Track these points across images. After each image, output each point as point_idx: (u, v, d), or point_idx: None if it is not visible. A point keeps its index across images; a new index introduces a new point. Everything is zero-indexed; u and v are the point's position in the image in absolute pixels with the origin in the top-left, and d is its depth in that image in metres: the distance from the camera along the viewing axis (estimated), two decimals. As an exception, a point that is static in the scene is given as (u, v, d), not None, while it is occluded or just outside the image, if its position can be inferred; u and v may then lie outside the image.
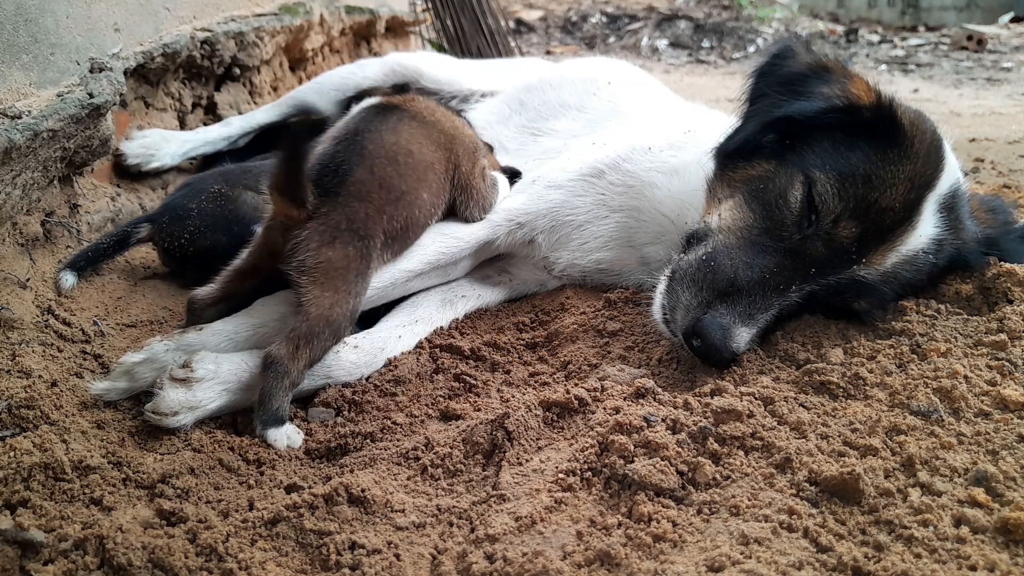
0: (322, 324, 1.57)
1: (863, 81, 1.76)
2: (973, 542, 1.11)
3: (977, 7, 11.56)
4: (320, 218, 1.63)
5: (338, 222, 1.64)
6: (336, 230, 1.63)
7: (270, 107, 3.17)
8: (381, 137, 1.81)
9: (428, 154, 1.88)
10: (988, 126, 4.78)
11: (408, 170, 1.80)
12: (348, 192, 1.68)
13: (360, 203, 1.68)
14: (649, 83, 2.88)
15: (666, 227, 2.04)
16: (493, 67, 3.40)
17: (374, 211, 1.70)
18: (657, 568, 1.09)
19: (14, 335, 1.73)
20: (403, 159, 1.80)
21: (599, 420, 1.42)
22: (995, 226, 1.86)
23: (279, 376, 1.52)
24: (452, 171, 1.96)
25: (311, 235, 1.62)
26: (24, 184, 1.89)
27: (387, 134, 1.83)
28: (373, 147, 1.77)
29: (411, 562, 1.17)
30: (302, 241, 1.61)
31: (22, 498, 1.25)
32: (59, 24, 2.07)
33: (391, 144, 1.81)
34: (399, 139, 1.83)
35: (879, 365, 1.54)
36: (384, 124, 1.85)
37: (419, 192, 1.82)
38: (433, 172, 1.88)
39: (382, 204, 1.72)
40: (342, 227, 1.64)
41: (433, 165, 1.89)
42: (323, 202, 1.65)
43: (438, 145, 1.92)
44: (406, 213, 1.78)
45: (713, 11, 10.93)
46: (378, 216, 1.71)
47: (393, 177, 1.76)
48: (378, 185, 1.73)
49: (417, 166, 1.83)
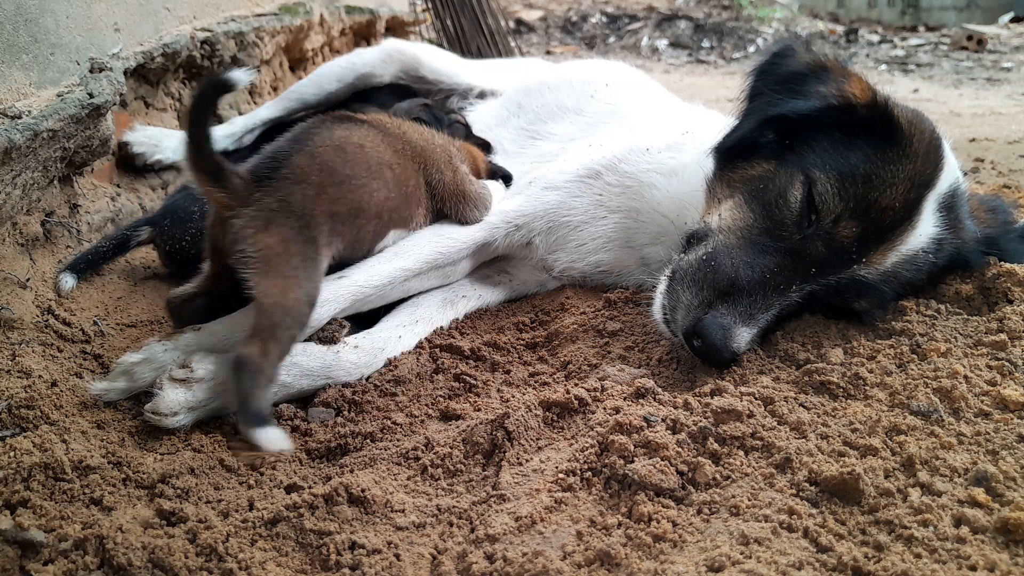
0: (280, 313, 1.50)
1: (861, 80, 1.76)
2: (973, 542, 1.11)
3: (977, 7, 11.56)
4: (252, 204, 1.58)
5: (269, 204, 1.58)
6: (269, 212, 1.57)
7: (273, 103, 3.17)
8: (331, 132, 1.78)
9: (385, 154, 1.85)
10: (988, 126, 4.78)
11: (355, 159, 1.75)
12: (282, 176, 1.63)
13: (296, 185, 1.63)
14: (647, 84, 2.88)
15: (666, 227, 2.04)
16: (493, 65, 3.40)
17: (312, 191, 1.64)
18: (657, 568, 1.09)
19: (14, 335, 1.73)
20: (351, 149, 1.76)
21: (599, 420, 1.42)
22: (995, 226, 1.86)
23: (253, 375, 1.45)
24: (427, 181, 1.96)
25: (245, 222, 1.55)
26: (24, 184, 1.89)
27: (338, 130, 1.80)
28: (319, 138, 1.74)
29: (411, 562, 1.17)
30: (238, 230, 1.55)
31: (22, 498, 1.25)
32: (59, 24, 2.07)
33: (339, 136, 1.77)
34: (350, 134, 1.80)
35: (879, 365, 1.54)
36: (339, 125, 1.83)
37: (369, 181, 1.77)
38: (391, 171, 1.84)
39: (322, 184, 1.66)
40: (274, 208, 1.58)
41: (392, 166, 1.85)
42: (256, 187, 1.60)
43: (401, 154, 1.90)
44: (352, 197, 1.72)
45: (713, 11, 10.93)
46: (317, 196, 1.64)
47: (336, 162, 1.71)
48: (318, 168, 1.67)
49: (368, 158, 1.79)
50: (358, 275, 1.82)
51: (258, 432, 1.42)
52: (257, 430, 1.42)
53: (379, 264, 1.87)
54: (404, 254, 1.91)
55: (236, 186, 1.57)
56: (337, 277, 1.80)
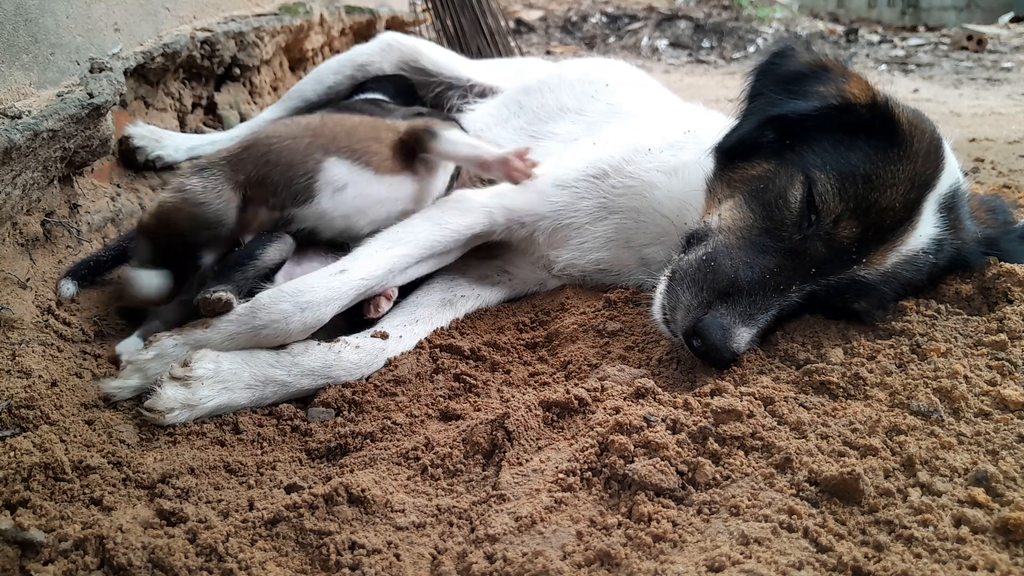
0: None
1: (861, 80, 1.76)
2: (973, 542, 1.11)
3: (977, 7, 11.56)
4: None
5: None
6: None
7: (275, 106, 3.17)
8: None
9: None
10: (988, 126, 4.78)
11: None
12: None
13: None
14: (647, 84, 2.88)
15: (666, 227, 2.04)
16: (493, 63, 3.40)
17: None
18: (657, 568, 1.09)
19: (14, 335, 1.73)
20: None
21: (599, 420, 1.42)
22: (995, 226, 1.86)
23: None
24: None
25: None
26: (24, 184, 1.89)
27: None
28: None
29: (411, 562, 1.17)
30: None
31: (22, 498, 1.25)
32: (59, 24, 2.07)
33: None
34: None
35: (879, 365, 1.54)
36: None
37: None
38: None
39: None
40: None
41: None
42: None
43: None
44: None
45: (713, 11, 10.93)
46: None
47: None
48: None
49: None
50: (359, 268, 1.81)
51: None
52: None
53: (376, 253, 1.86)
54: (402, 241, 1.90)
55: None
56: (338, 271, 1.78)
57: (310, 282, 1.72)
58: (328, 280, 1.74)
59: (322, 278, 1.75)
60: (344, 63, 3.16)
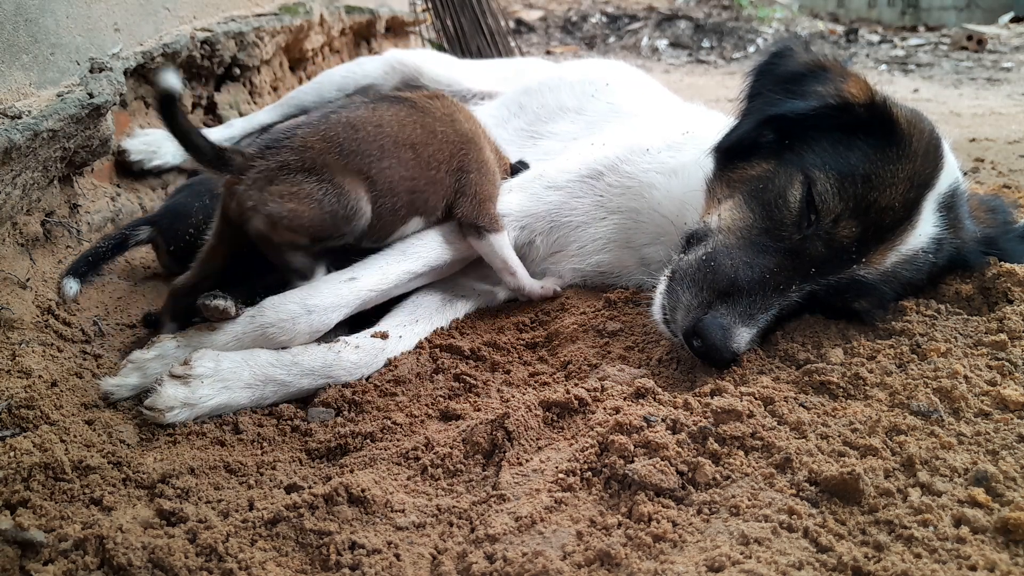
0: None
1: (860, 80, 1.76)
2: (973, 542, 1.11)
3: (977, 7, 11.56)
4: (252, 170, 1.66)
5: (268, 165, 1.66)
6: (269, 172, 1.66)
7: (271, 108, 3.17)
8: (352, 111, 1.82)
9: (410, 135, 1.86)
10: (988, 126, 4.78)
11: (366, 136, 1.78)
12: (282, 145, 1.70)
13: (295, 150, 1.69)
14: (647, 84, 2.88)
15: (665, 228, 2.04)
16: (494, 67, 3.40)
17: (313, 154, 1.70)
18: (657, 568, 1.09)
19: (14, 335, 1.73)
20: (363, 127, 1.79)
21: (599, 420, 1.42)
22: (995, 226, 1.86)
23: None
24: (460, 168, 1.96)
25: (251, 190, 1.64)
26: (24, 184, 1.89)
27: (362, 110, 1.83)
28: (334, 117, 1.79)
29: (411, 562, 1.17)
30: (245, 200, 1.64)
31: (22, 498, 1.25)
32: (59, 24, 2.07)
33: (358, 116, 1.81)
34: (372, 115, 1.83)
35: (879, 365, 1.54)
36: (367, 105, 1.87)
37: (380, 159, 1.80)
38: (412, 152, 1.86)
39: (324, 151, 1.72)
40: (273, 168, 1.66)
41: (415, 147, 1.86)
42: (259, 157, 1.68)
43: (435, 136, 1.91)
44: (360, 165, 1.76)
45: (713, 11, 10.93)
46: (318, 158, 1.70)
47: (342, 137, 1.75)
48: (320, 139, 1.73)
49: (382, 137, 1.81)
50: (368, 279, 1.84)
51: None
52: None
53: (387, 266, 1.89)
54: (411, 257, 1.93)
55: (239, 163, 1.66)
56: (348, 279, 1.81)
57: (318, 287, 1.75)
58: (337, 287, 1.77)
59: (331, 284, 1.77)
60: (347, 79, 3.19)
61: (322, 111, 1.85)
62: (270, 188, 1.65)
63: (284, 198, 1.64)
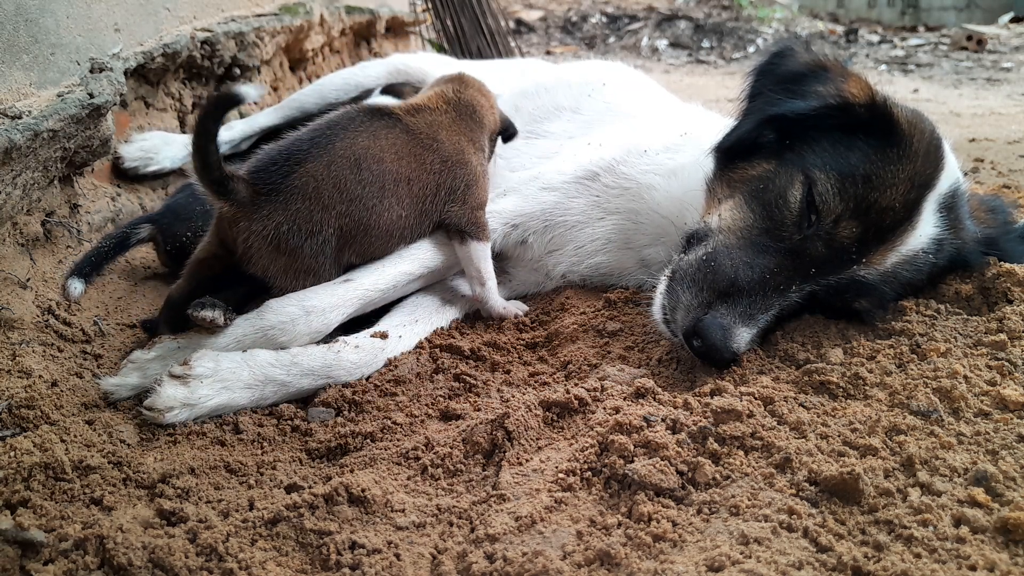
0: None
1: (860, 80, 1.76)
2: (973, 542, 1.11)
3: (977, 7, 11.57)
4: (261, 219, 1.63)
5: (278, 222, 1.64)
6: (278, 232, 1.64)
7: (271, 111, 3.17)
8: (355, 138, 1.78)
9: (405, 169, 1.84)
10: (988, 126, 4.78)
11: (370, 176, 1.76)
12: (292, 187, 1.66)
13: (304, 201, 1.67)
14: (645, 84, 2.88)
15: (665, 228, 2.04)
16: (497, 69, 3.40)
17: (320, 210, 1.68)
18: (657, 568, 1.09)
19: (14, 335, 1.73)
20: (367, 164, 1.76)
21: (599, 420, 1.42)
22: (995, 226, 1.86)
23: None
24: (441, 192, 1.93)
25: (255, 241, 1.64)
26: (24, 184, 1.89)
27: (362, 138, 1.79)
28: (340, 145, 1.74)
29: (411, 562, 1.17)
30: (249, 247, 1.64)
31: (22, 498, 1.25)
32: (59, 24, 2.07)
33: (361, 147, 1.77)
34: (373, 143, 1.80)
35: (879, 365, 1.54)
36: (366, 129, 1.81)
37: (381, 201, 1.79)
38: (407, 188, 1.85)
39: (331, 202, 1.70)
40: (283, 228, 1.65)
41: (410, 182, 1.85)
42: (264, 199, 1.64)
43: (422, 165, 1.88)
44: (362, 216, 1.75)
45: (713, 11, 10.94)
46: (325, 213, 1.69)
47: (349, 180, 1.72)
48: (331, 184, 1.70)
49: (384, 175, 1.79)
50: (365, 280, 1.84)
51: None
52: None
53: (384, 269, 1.89)
54: (408, 258, 1.94)
55: (242, 197, 1.62)
56: (343, 280, 1.81)
57: (316, 289, 1.75)
58: (334, 288, 1.78)
59: (328, 286, 1.78)
60: (350, 82, 3.17)
61: (322, 125, 1.80)
62: (277, 258, 1.67)
63: (286, 268, 1.69)
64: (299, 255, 1.68)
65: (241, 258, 1.68)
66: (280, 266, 1.68)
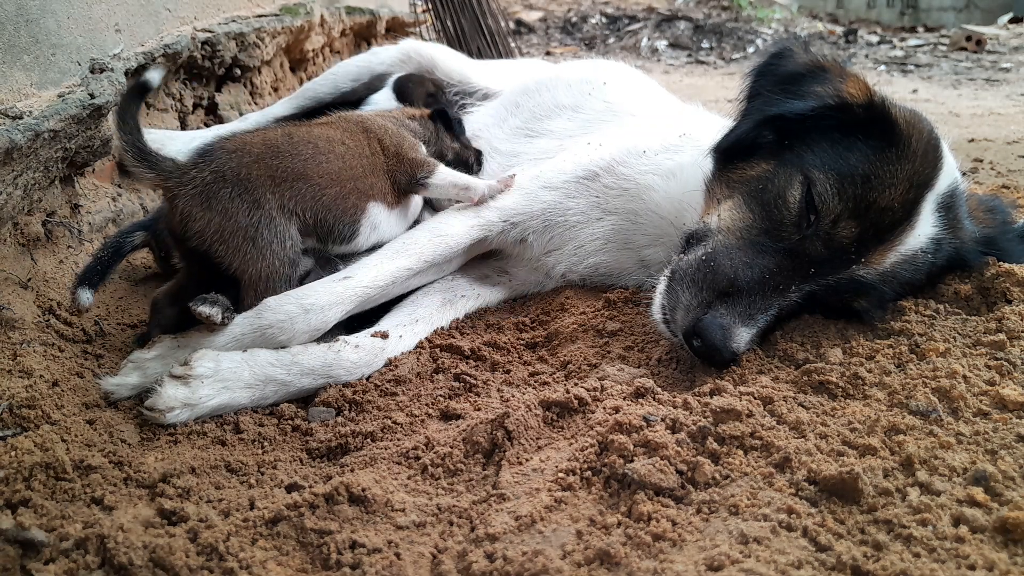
0: (262, 284, 1.69)
1: (858, 80, 1.76)
2: (972, 541, 1.11)
3: (976, 8, 11.58)
4: (188, 182, 1.68)
5: (203, 176, 1.68)
6: (204, 185, 1.67)
7: (286, 101, 3.18)
8: (286, 126, 1.92)
9: (336, 135, 1.94)
10: (987, 126, 4.79)
11: (301, 140, 1.84)
12: (217, 148, 1.72)
13: (230, 154, 1.71)
14: (645, 84, 2.88)
15: (665, 228, 2.04)
16: (503, 67, 3.42)
17: (249, 159, 1.72)
18: (657, 567, 1.09)
19: (15, 335, 1.74)
20: (298, 134, 1.86)
21: (599, 420, 1.43)
22: (993, 226, 1.86)
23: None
24: (381, 149, 2.01)
25: (185, 202, 1.66)
26: (25, 184, 1.89)
27: (294, 127, 1.93)
28: (270, 129, 1.87)
29: (411, 561, 1.17)
30: (182, 211, 1.66)
31: (23, 497, 1.26)
32: (60, 25, 2.07)
33: (292, 128, 1.90)
34: (303, 129, 1.92)
35: (878, 365, 1.55)
36: (302, 124, 1.97)
37: (315, 155, 1.84)
38: (343, 146, 1.93)
39: (261, 155, 1.75)
40: (208, 180, 1.68)
41: (344, 142, 1.94)
42: (192, 167, 1.69)
43: (353, 133, 1.99)
44: (293, 165, 1.78)
45: (712, 12, 10.95)
46: (254, 163, 1.72)
47: (281, 142, 1.80)
48: (260, 142, 1.76)
49: (316, 139, 1.88)
50: (364, 277, 1.84)
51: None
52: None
53: (382, 264, 1.89)
54: (405, 253, 1.94)
55: (167, 168, 1.68)
56: (342, 278, 1.81)
57: (314, 287, 1.75)
58: (332, 285, 1.78)
59: (326, 283, 1.78)
60: (363, 69, 3.18)
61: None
62: (206, 215, 1.67)
63: (221, 226, 1.68)
64: (232, 213, 1.67)
65: (181, 232, 1.69)
66: (215, 228, 1.66)
